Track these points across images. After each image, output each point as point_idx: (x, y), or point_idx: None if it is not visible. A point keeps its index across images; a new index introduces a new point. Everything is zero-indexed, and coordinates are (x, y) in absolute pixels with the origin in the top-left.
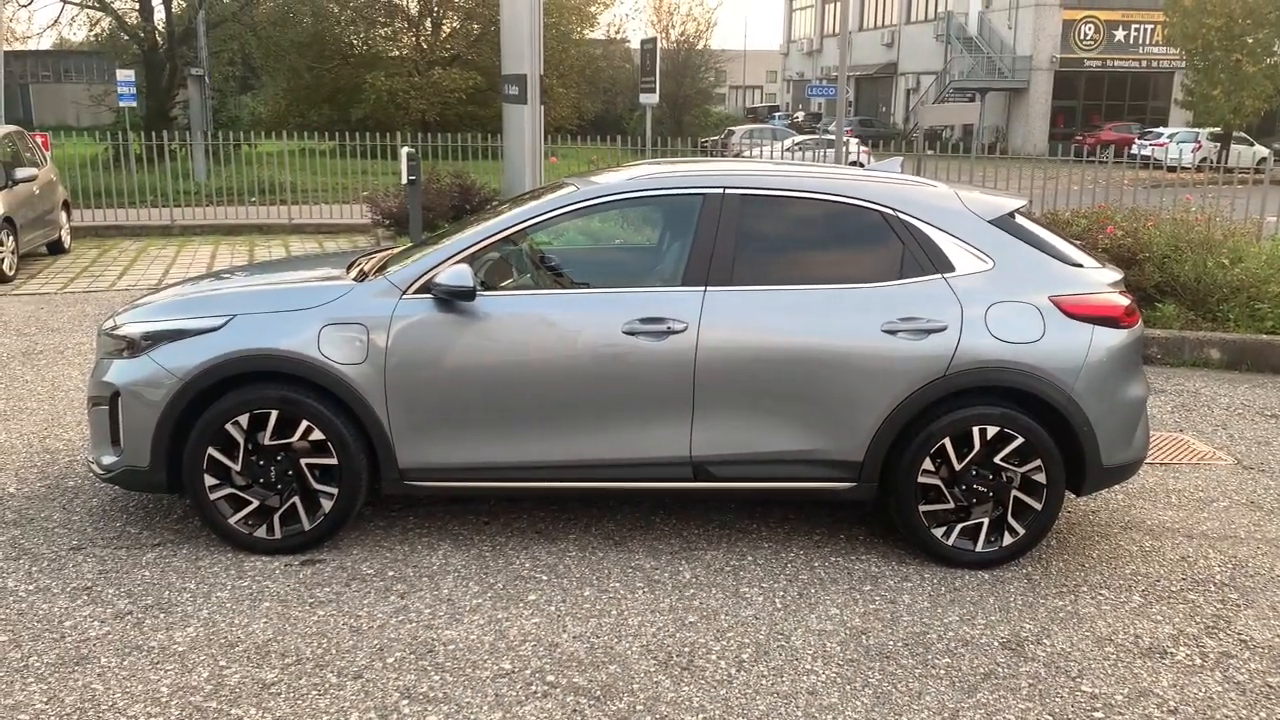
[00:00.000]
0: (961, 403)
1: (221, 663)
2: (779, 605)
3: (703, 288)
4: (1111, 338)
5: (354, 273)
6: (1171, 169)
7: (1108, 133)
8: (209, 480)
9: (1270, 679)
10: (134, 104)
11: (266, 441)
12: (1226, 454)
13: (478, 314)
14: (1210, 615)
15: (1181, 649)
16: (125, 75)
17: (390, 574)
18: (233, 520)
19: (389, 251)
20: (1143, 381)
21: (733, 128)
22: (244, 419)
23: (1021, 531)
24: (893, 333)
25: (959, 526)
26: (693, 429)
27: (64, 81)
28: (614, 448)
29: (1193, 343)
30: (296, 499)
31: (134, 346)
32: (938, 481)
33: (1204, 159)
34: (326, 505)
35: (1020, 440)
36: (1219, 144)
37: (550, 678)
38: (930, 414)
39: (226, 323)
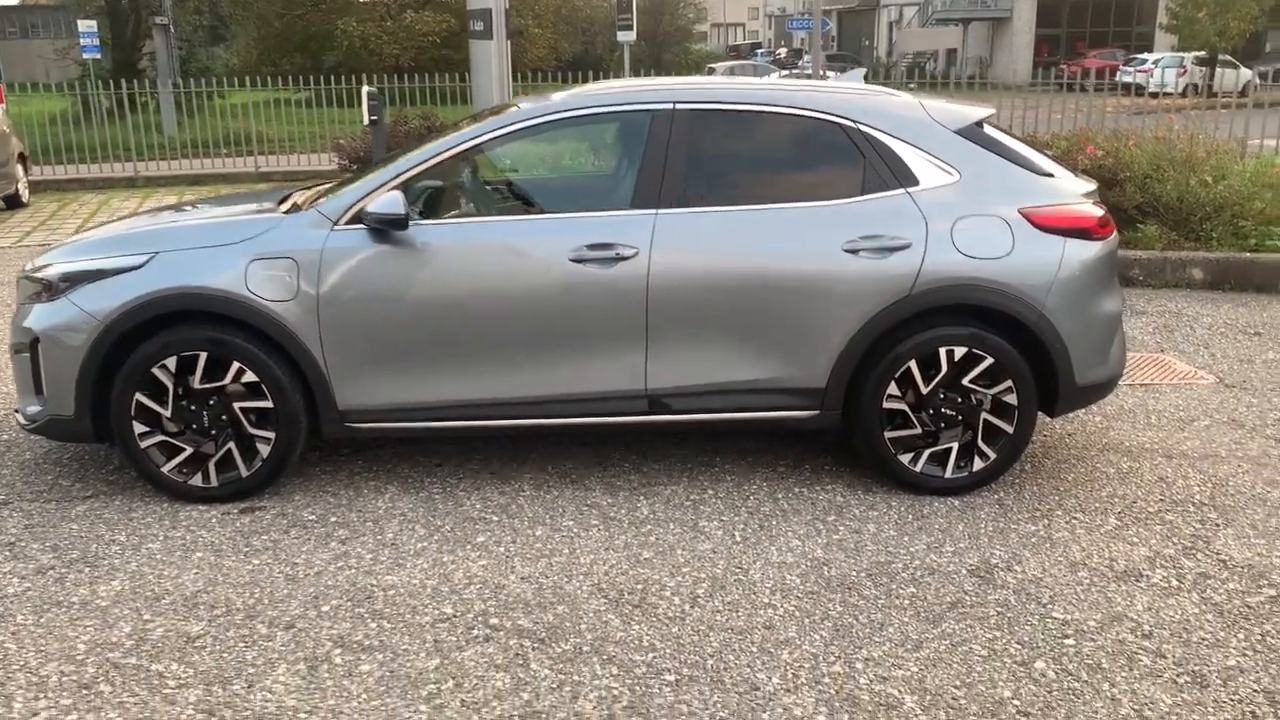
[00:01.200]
0: (927, 323)
1: (145, 616)
2: (738, 539)
3: (654, 210)
4: (1084, 250)
5: (287, 205)
6: (1155, 95)
7: (1092, 60)
8: (138, 428)
9: (1249, 599)
10: (98, 56)
11: (197, 385)
12: (1208, 373)
13: (413, 244)
14: (1188, 536)
15: (1158, 571)
16: (87, 26)
17: (333, 520)
18: (166, 469)
19: (328, 185)
20: (1118, 296)
21: (713, 65)
22: (171, 362)
23: (992, 456)
24: (854, 252)
25: (927, 452)
26: (647, 360)
27: (31, 38)
28: (565, 382)
29: (1174, 263)
30: (232, 445)
31: (51, 289)
32: (904, 406)
33: (1189, 84)
34: (264, 450)
35: (989, 361)
36: (1205, 68)
37: (494, 620)
38: (895, 336)
39: (147, 261)
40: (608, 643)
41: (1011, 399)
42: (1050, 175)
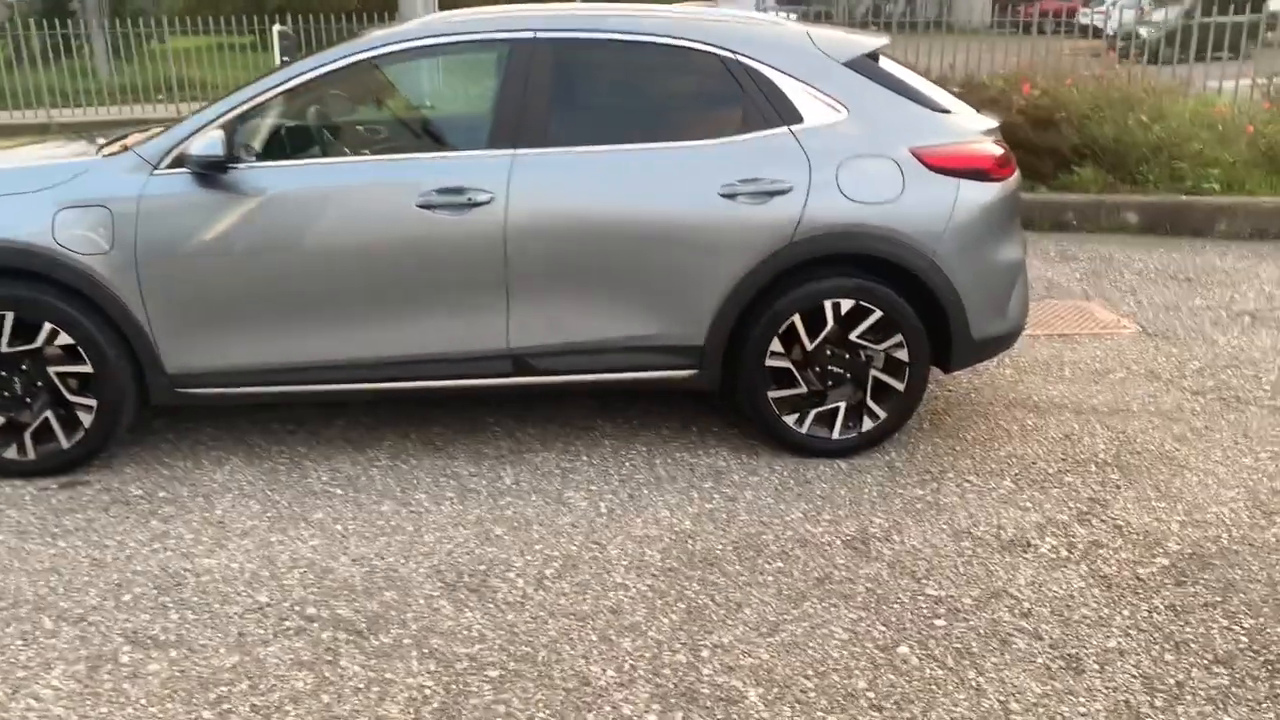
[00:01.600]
0: (811, 274)
1: None
2: (603, 510)
3: (511, 151)
4: (980, 193)
5: (114, 148)
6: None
7: (1050, 2)
8: None
9: (1140, 570)
10: None
11: (4, 349)
12: (1132, 321)
13: (242, 190)
14: (1085, 500)
15: (1047, 540)
16: None
17: (162, 494)
18: None
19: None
20: (1019, 242)
21: None
22: None
23: (883, 415)
24: (731, 197)
25: (813, 412)
26: (509, 316)
27: None
28: (421, 341)
29: (1109, 207)
30: (49, 414)
31: None
32: (788, 364)
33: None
34: (87, 420)
35: (878, 314)
36: (1164, 9)
37: (311, 610)
38: (777, 288)
39: None
40: (433, 634)
41: (902, 355)
42: (946, 111)
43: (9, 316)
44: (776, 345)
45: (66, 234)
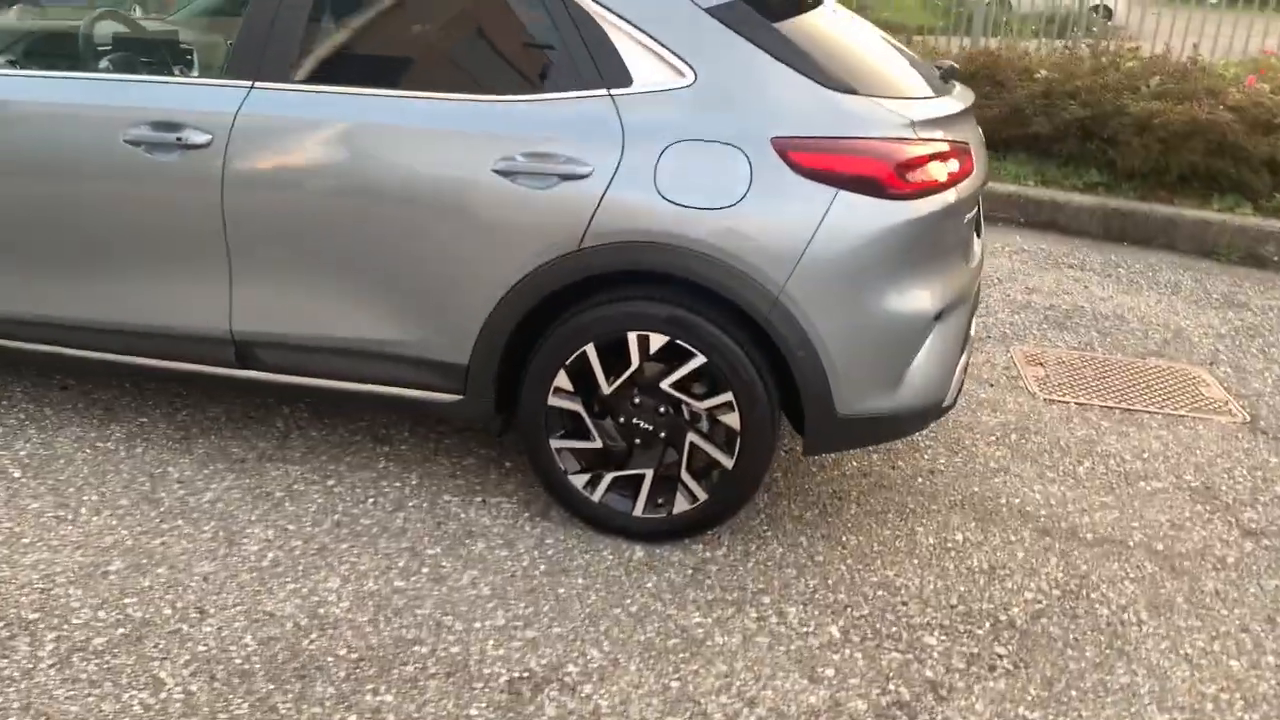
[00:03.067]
0: (611, 293)
1: None
2: (266, 561)
3: (249, 84)
4: (867, 212)
5: None
6: None
7: None
8: None
9: None
10: None
11: None
12: (1245, 409)
13: None
14: (915, 688)
15: None
16: None
17: None
18: None
19: None
20: (939, 285)
21: None
22: None
23: (702, 496)
24: (508, 174)
25: (609, 476)
26: (232, 293)
27: None
28: (135, 309)
29: None
30: None
31: None
32: (578, 408)
33: None
34: None
35: (700, 359)
36: None
37: None
38: (565, 305)
39: None
40: None
41: (731, 419)
42: (850, 91)
43: None
44: (564, 380)
45: None
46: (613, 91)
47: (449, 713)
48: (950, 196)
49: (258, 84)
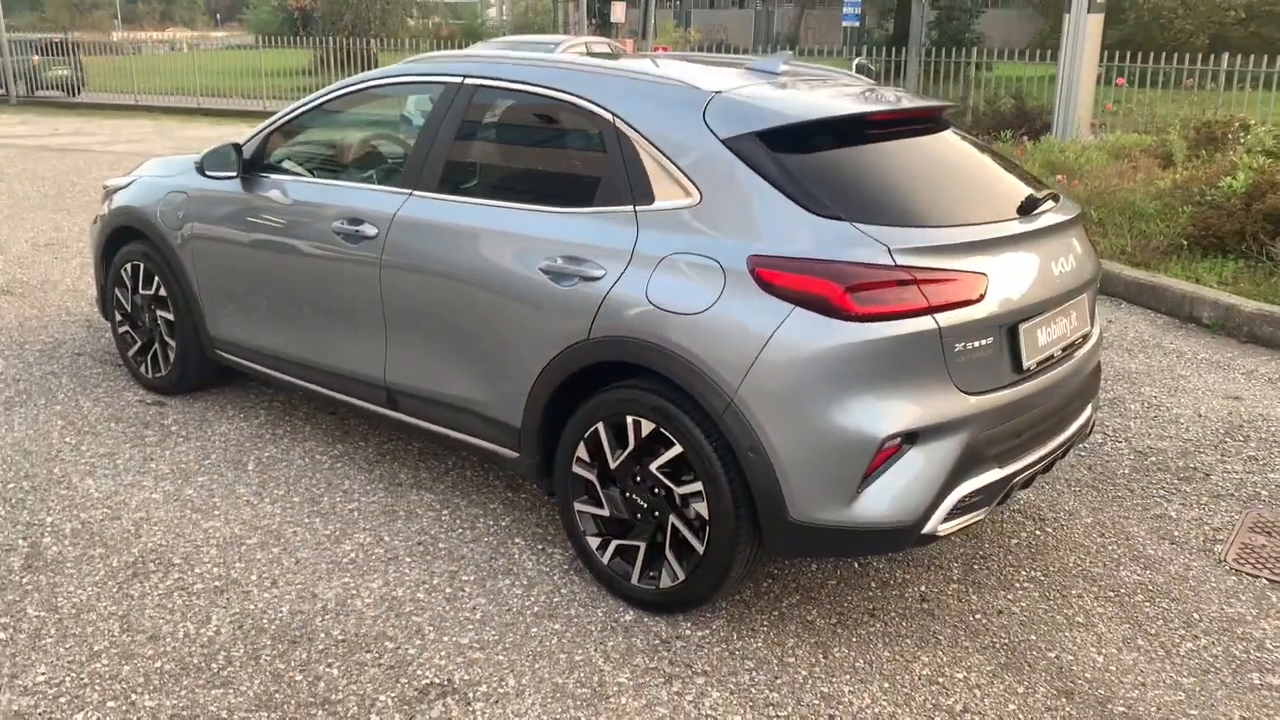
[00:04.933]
0: (615, 380)
1: None
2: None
3: (409, 191)
4: (816, 329)
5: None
6: None
7: None
8: None
9: None
10: (856, 24)
11: (142, 294)
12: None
13: (238, 193)
14: None
15: None
16: None
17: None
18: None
19: None
20: (906, 407)
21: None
22: (128, 269)
23: (681, 576)
24: (549, 274)
25: (615, 543)
26: (387, 350)
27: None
28: (336, 355)
29: None
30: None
31: None
32: (592, 477)
33: None
34: (171, 356)
35: (677, 449)
36: None
37: None
38: (585, 387)
39: (130, 184)
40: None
41: (702, 508)
42: (835, 217)
43: (139, 266)
44: (583, 451)
45: (165, 210)
46: (638, 208)
47: (366, 695)
48: (927, 323)
49: (415, 192)
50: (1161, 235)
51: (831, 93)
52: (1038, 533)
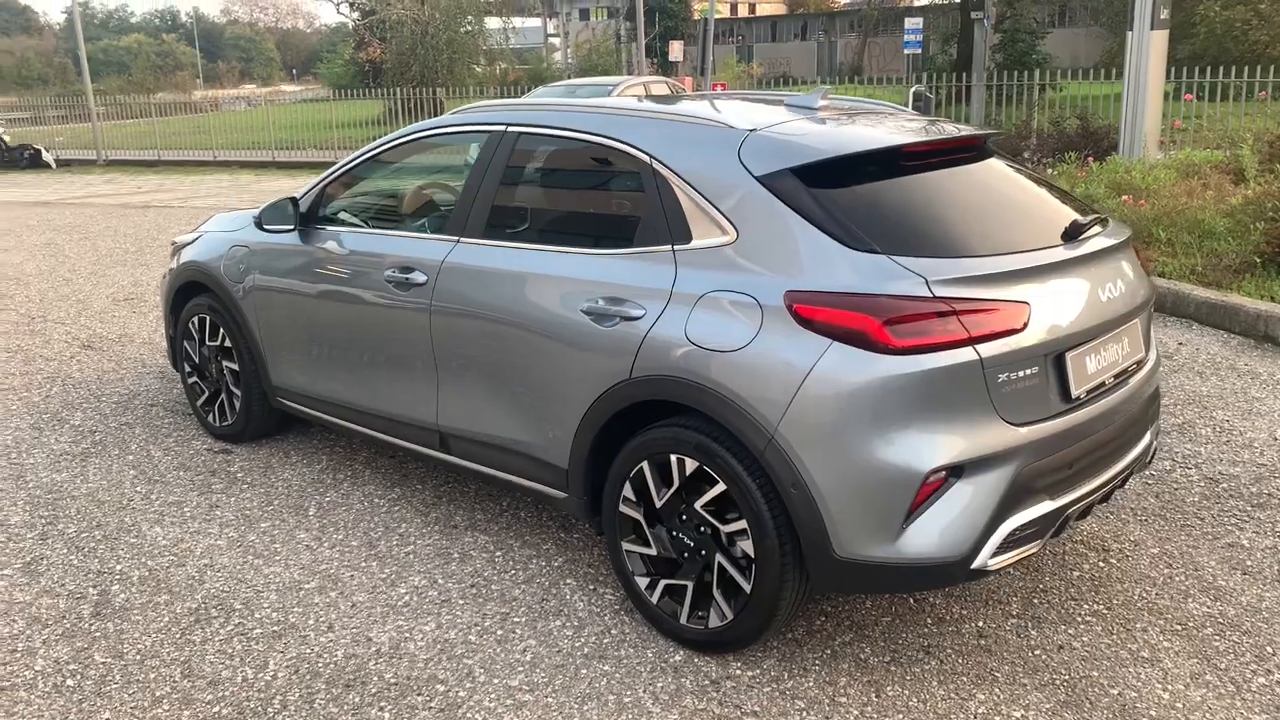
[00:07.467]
0: (659, 418)
1: None
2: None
3: (455, 239)
4: (855, 364)
5: None
6: None
7: None
8: None
9: None
10: (918, 50)
11: (209, 345)
12: None
13: (295, 246)
14: None
15: None
16: (912, 24)
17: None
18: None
19: None
20: (951, 440)
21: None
22: (195, 322)
23: (729, 615)
24: (591, 314)
25: (663, 582)
26: (439, 394)
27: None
28: (391, 400)
29: None
30: (224, 397)
31: None
32: (639, 516)
33: None
34: (237, 405)
35: (721, 486)
36: None
37: None
38: (629, 426)
39: (196, 239)
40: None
41: (747, 546)
42: (871, 250)
43: (206, 319)
44: (629, 491)
45: (229, 264)
46: (676, 248)
47: None
48: (968, 354)
49: (462, 239)
50: (1233, 253)
51: (868, 125)
52: (1101, 564)
